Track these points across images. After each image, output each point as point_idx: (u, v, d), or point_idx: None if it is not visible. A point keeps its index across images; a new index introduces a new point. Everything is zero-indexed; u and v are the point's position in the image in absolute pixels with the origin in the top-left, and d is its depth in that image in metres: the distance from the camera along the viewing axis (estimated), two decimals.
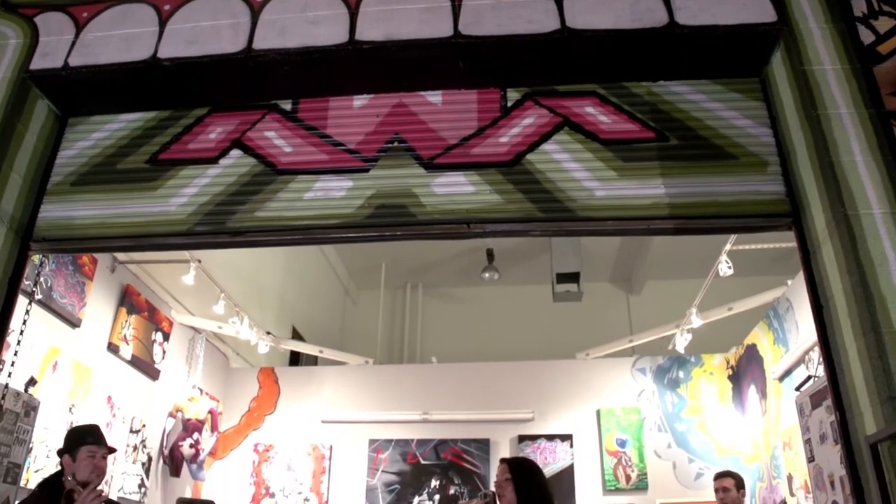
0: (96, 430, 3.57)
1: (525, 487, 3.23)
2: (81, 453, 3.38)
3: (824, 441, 3.72)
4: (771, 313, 7.21)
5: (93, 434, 3.50)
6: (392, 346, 12.18)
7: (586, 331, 10.71)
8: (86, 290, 6.00)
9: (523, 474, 3.28)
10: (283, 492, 8.23)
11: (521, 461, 3.42)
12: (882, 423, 2.71)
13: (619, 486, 7.99)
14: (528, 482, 3.26)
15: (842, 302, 3.00)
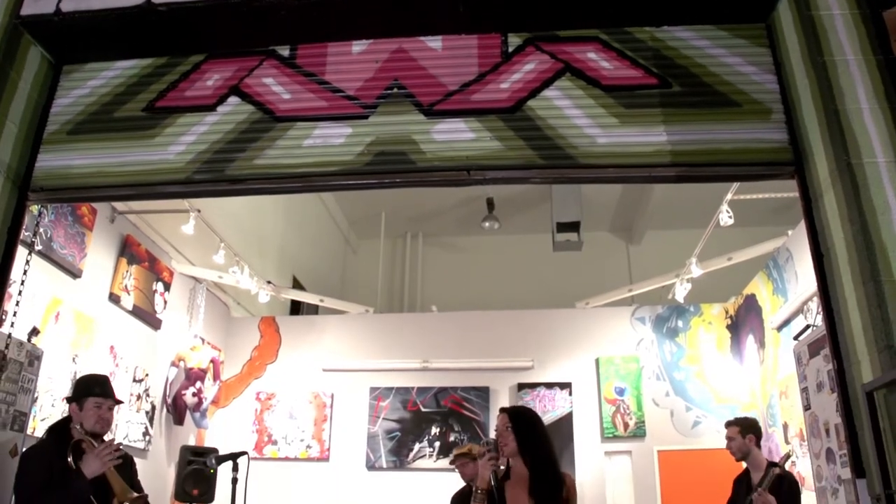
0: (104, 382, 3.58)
1: (526, 436, 3.25)
2: (88, 403, 3.41)
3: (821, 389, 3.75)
4: (771, 263, 7.22)
5: (101, 385, 3.52)
6: (392, 294, 12.23)
7: (586, 280, 10.75)
8: (86, 240, 5.99)
9: (523, 423, 3.30)
10: (285, 439, 8.35)
11: (520, 410, 3.44)
12: (879, 371, 2.73)
13: (617, 433, 8.10)
14: (528, 431, 3.28)
15: (842, 251, 2.99)
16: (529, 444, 3.22)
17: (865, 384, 2.76)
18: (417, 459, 8.18)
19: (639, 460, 8.03)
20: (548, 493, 3.13)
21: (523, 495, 3.13)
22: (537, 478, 3.15)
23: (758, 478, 4.56)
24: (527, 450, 3.20)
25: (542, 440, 3.30)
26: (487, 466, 3.12)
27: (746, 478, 4.71)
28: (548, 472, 3.19)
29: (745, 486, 4.68)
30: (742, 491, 4.69)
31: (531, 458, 3.19)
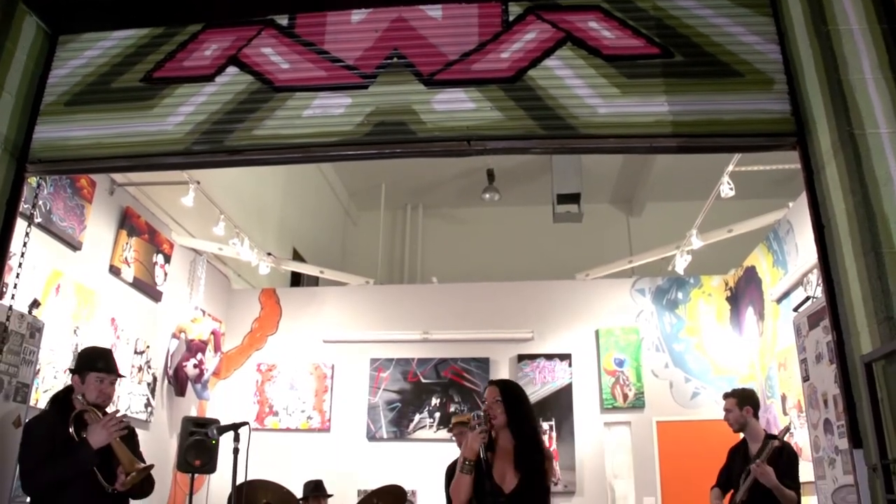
0: (107, 357, 3.58)
1: (514, 409, 3.31)
2: (90, 377, 3.42)
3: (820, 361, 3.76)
4: (771, 235, 7.21)
5: (104, 360, 3.52)
6: (392, 266, 12.24)
7: (586, 251, 10.75)
8: (85, 212, 5.98)
9: (513, 397, 3.36)
10: (286, 410, 8.40)
11: (510, 384, 3.49)
12: (878, 342, 2.73)
13: (617, 404, 8.15)
14: (517, 405, 3.34)
15: (843, 222, 2.98)
16: (517, 417, 3.28)
17: (864, 355, 2.77)
18: (418, 430, 8.24)
19: (638, 431, 8.09)
20: (532, 465, 3.18)
21: (509, 467, 3.20)
22: (523, 450, 3.20)
23: (755, 449, 4.59)
24: (514, 423, 3.27)
25: (529, 414, 3.37)
26: (478, 439, 3.20)
27: (744, 448, 4.74)
28: (533, 445, 3.24)
29: (741, 457, 4.71)
30: (738, 461, 4.72)
31: (518, 432, 3.26)
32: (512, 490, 3.14)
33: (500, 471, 3.19)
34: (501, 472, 3.19)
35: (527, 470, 3.16)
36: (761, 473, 4.27)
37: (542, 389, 8.19)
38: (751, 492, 4.36)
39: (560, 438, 8.01)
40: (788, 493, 4.29)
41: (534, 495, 3.16)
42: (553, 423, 8.07)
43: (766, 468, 4.27)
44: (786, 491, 4.27)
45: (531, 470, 3.17)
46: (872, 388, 2.71)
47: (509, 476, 3.17)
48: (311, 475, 5.86)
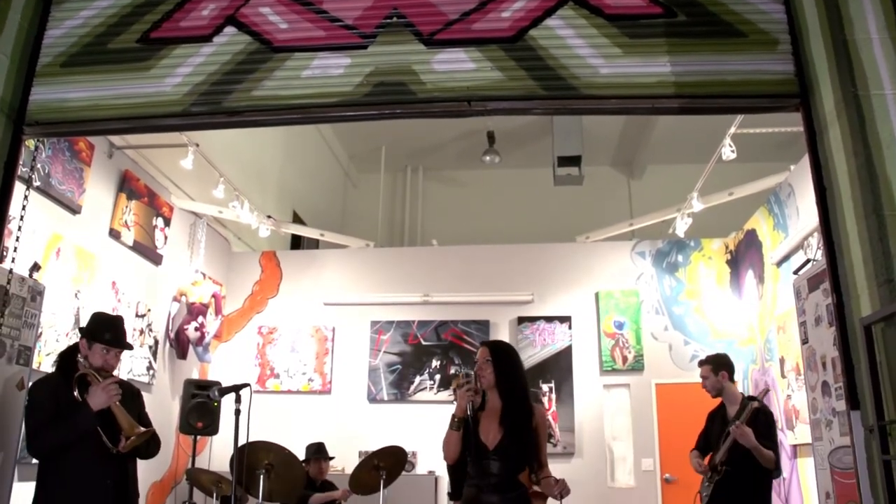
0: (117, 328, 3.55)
1: (503, 370, 3.36)
2: (96, 346, 3.43)
3: (819, 323, 3.77)
4: (772, 199, 7.19)
5: (113, 331, 3.50)
6: (393, 229, 12.24)
7: (586, 214, 10.74)
8: (84, 176, 5.96)
9: (502, 357, 3.42)
10: (287, 372, 8.46)
11: (501, 345, 3.55)
12: (878, 304, 2.74)
13: (616, 366, 8.20)
14: (506, 365, 3.39)
15: (846, 184, 2.96)
16: (506, 377, 3.33)
17: (864, 318, 2.77)
18: (418, 392, 8.30)
19: (637, 393, 8.15)
20: (518, 423, 3.25)
21: (494, 425, 3.25)
22: (509, 409, 3.26)
23: (733, 411, 4.64)
24: (503, 383, 3.32)
25: (518, 375, 3.43)
26: (465, 397, 3.28)
27: (721, 412, 4.79)
28: (519, 405, 3.30)
29: (719, 420, 4.77)
30: (716, 424, 4.78)
31: (505, 391, 3.31)
32: (494, 446, 3.21)
33: (486, 428, 3.27)
34: (487, 429, 3.27)
35: (510, 426, 3.23)
36: (741, 434, 4.32)
37: (541, 352, 8.23)
38: (730, 453, 4.42)
39: (559, 400, 8.08)
40: (767, 453, 4.35)
41: (517, 451, 3.23)
42: (552, 385, 8.13)
43: (745, 429, 4.33)
44: (764, 451, 4.34)
45: (514, 427, 3.23)
46: (871, 350, 2.72)
47: (493, 433, 3.24)
48: (313, 437, 5.92)
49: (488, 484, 3.17)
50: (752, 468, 4.37)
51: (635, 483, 7.94)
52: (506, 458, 3.21)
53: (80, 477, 3.18)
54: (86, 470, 3.20)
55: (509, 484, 3.21)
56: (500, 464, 3.20)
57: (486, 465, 3.20)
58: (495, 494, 3.16)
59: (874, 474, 2.74)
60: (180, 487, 7.34)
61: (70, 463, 3.20)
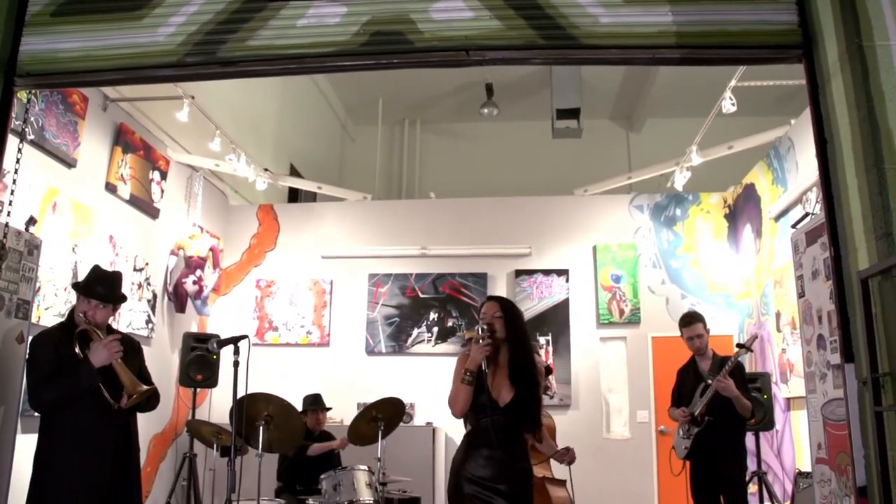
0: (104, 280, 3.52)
1: (513, 326, 3.36)
2: (79, 297, 3.42)
3: (816, 277, 3.78)
4: (771, 153, 7.15)
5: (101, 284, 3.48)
6: (390, 181, 12.19)
7: (585, 167, 10.70)
8: (79, 129, 5.90)
9: (512, 314, 3.42)
10: (285, 325, 8.50)
11: (509, 301, 3.55)
12: (875, 258, 2.73)
13: (613, 319, 8.25)
14: (515, 321, 3.40)
15: (847, 137, 2.94)
16: (515, 333, 3.33)
17: (861, 271, 2.77)
18: (416, 344, 8.36)
19: (633, 346, 8.22)
20: (527, 380, 3.26)
21: (504, 381, 3.29)
22: (519, 365, 3.27)
23: (706, 365, 4.70)
24: (513, 339, 3.32)
25: (525, 331, 3.43)
26: (482, 351, 3.27)
27: (693, 366, 4.84)
28: (527, 360, 3.30)
29: (692, 375, 4.82)
30: (689, 379, 4.83)
31: (514, 347, 3.31)
32: (507, 403, 3.22)
33: (496, 385, 3.27)
34: (498, 385, 3.27)
35: (521, 384, 3.25)
36: (724, 387, 4.40)
37: (539, 305, 8.27)
38: (710, 405, 4.49)
39: (556, 353, 8.14)
40: (745, 402, 4.45)
41: (527, 408, 3.25)
42: (549, 337, 8.18)
43: (728, 381, 4.40)
44: (744, 400, 4.43)
45: (526, 384, 3.25)
46: (867, 303, 2.73)
47: (505, 390, 3.25)
48: (311, 389, 5.97)
49: (496, 438, 3.19)
50: (730, 418, 4.46)
51: (630, 435, 8.06)
52: (514, 413, 3.23)
53: (81, 431, 3.21)
54: (87, 425, 3.23)
55: (515, 439, 3.24)
56: (508, 420, 3.22)
57: (495, 421, 3.22)
58: (501, 448, 3.18)
59: (865, 425, 2.77)
60: (181, 439, 7.43)
61: (71, 418, 3.23)
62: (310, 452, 5.27)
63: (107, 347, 3.30)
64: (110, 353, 3.30)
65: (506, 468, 3.16)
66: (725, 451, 4.47)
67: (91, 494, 3.13)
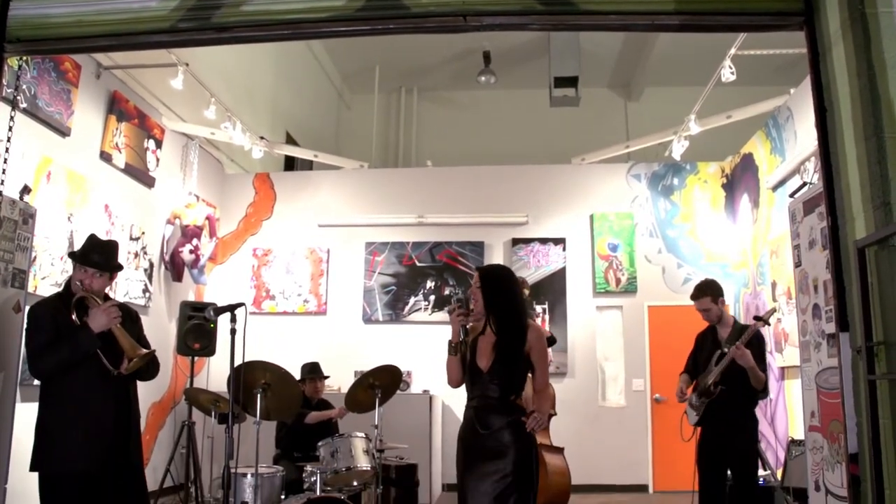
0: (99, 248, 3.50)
1: (493, 295, 3.37)
2: (76, 266, 3.41)
3: (812, 247, 3.78)
4: (770, 122, 7.12)
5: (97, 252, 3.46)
6: (387, 150, 12.14)
7: (582, 136, 10.66)
8: (72, 97, 5.85)
9: (492, 283, 3.41)
10: (282, 294, 8.52)
11: (490, 270, 3.54)
12: (872, 228, 2.73)
13: (609, 288, 8.27)
14: (496, 290, 3.39)
15: (847, 106, 2.91)
16: (495, 302, 3.34)
17: (858, 240, 2.77)
18: (413, 313, 8.39)
19: (629, 315, 8.25)
20: (509, 348, 3.29)
21: (488, 348, 3.28)
22: (500, 334, 3.28)
23: (725, 333, 4.67)
24: (492, 308, 3.33)
25: (509, 299, 3.41)
26: (457, 322, 3.34)
27: (712, 334, 4.82)
28: (510, 329, 3.32)
29: (710, 342, 4.80)
30: (706, 346, 4.81)
31: (496, 316, 3.32)
32: (487, 369, 3.25)
33: (481, 352, 3.30)
34: (482, 353, 3.30)
35: (500, 351, 3.26)
36: (741, 355, 4.36)
37: (535, 273, 8.29)
38: (724, 374, 4.48)
39: (553, 322, 8.17)
40: (760, 374, 4.42)
41: (509, 372, 3.27)
42: (546, 306, 8.21)
43: (745, 350, 4.36)
44: (759, 372, 4.40)
45: (505, 351, 3.26)
46: (863, 273, 2.73)
47: (486, 356, 3.28)
48: (309, 357, 5.99)
49: (485, 406, 3.24)
50: (743, 388, 4.44)
51: (626, 403, 8.12)
52: (498, 380, 3.25)
53: (81, 399, 3.21)
54: (87, 392, 3.23)
55: (505, 407, 3.26)
56: (494, 386, 3.25)
57: (483, 389, 3.26)
58: (492, 416, 3.21)
59: (859, 393, 2.79)
60: (179, 407, 7.48)
61: (71, 385, 3.23)
62: (308, 420, 5.30)
63: (106, 313, 3.30)
64: (109, 319, 3.30)
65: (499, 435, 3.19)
66: (736, 423, 4.45)
67: (93, 461, 3.14)
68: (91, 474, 3.16)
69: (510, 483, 3.13)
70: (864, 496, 2.72)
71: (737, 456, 4.45)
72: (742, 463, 4.47)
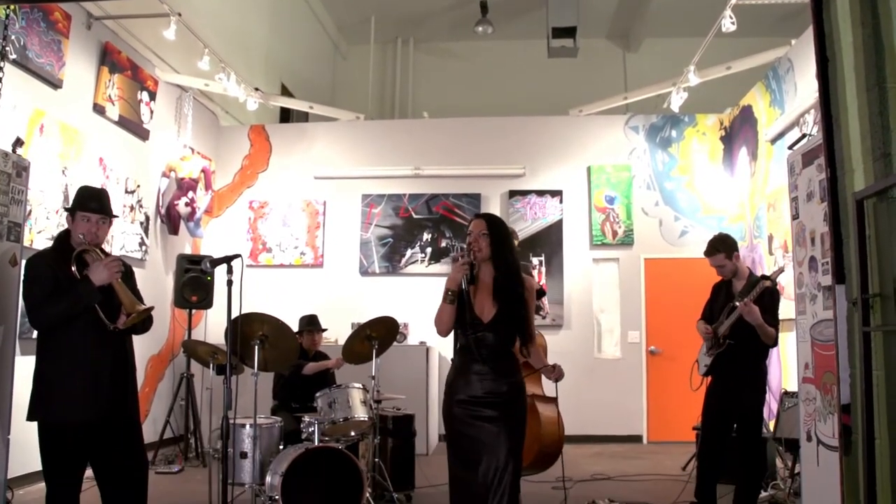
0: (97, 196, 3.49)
1: (499, 244, 3.34)
2: (77, 216, 3.38)
3: (811, 199, 3.77)
4: (770, 74, 7.04)
5: (95, 200, 3.44)
6: (383, 101, 12.02)
7: (580, 87, 10.55)
8: (63, 48, 5.75)
9: (498, 231, 3.38)
10: (279, 247, 8.51)
11: (496, 219, 3.50)
12: (871, 180, 2.72)
13: (606, 241, 8.28)
14: (501, 239, 3.36)
15: (849, 56, 2.87)
16: (501, 251, 3.31)
17: (857, 192, 2.76)
18: (409, 265, 8.40)
19: (626, 267, 8.28)
20: (512, 297, 3.27)
21: (488, 299, 3.27)
22: (502, 283, 3.27)
23: (740, 286, 4.67)
24: (498, 256, 3.30)
25: (512, 249, 3.40)
26: (461, 270, 3.25)
27: (727, 285, 4.82)
28: (513, 278, 3.30)
29: (724, 293, 4.80)
30: (721, 297, 4.82)
31: (499, 265, 3.30)
32: (490, 320, 3.24)
33: (480, 302, 3.28)
34: (481, 303, 3.28)
35: (504, 301, 3.25)
36: (748, 312, 4.37)
37: (532, 225, 8.28)
38: (733, 328, 4.50)
39: (549, 274, 8.20)
40: (769, 330, 4.43)
41: (510, 324, 3.27)
42: (542, 258, 8.23)
43: (752, 307, 4.37)
44: (767, 328, 4.41)
45: (509, 301, 3.26)
46: (861, 225, 2.72)
47: (488, 307, 3.26)
48: (306, 310, 6.00)
49: (481, 355, 3.22)
50: (752, 343, 4.46)
51: (621, 354, 8.19)
52: (499, 330, 3.24)
53: (78, 351, 3.22)
54: (84, 345, 3.24)
55: (502, 354, 3.27)
56: (494, 336, 3.24)
57: (480, 338, 3.24)
58: (488, 364, 3.21)
59: (853, 345, 2.81)
60: (178, 360, 7.53)
61: (68, 337, 3.23)
62: (305, 371, 5.34)
63: (107, 267, 3.29)
64: (111, 273, 3.29)
65: (494, 384, 3.20)
66: (744, 377, 4.47)
67: (90, 413, 3.17)
68: (89, 426, 3.19)
69: (504, 431, 3.15)
70: (855, 445, 2.77)
71: (743, 410, 4.49)
72: (747, 417, 4.51)
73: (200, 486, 5.09)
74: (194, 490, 5.32)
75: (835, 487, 3.01)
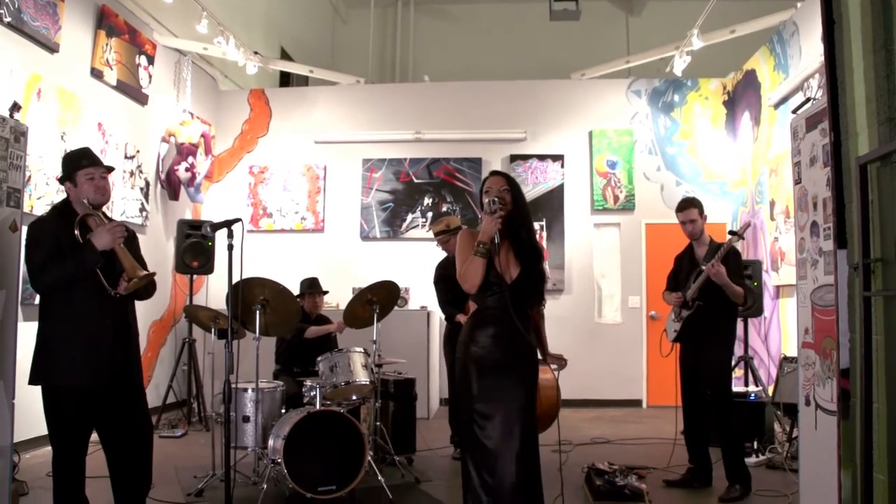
0: (89, 152, 3.50)
1: (518, 200, 3.33)
2: (80, 178, 3.35)
3: (814, 164, 3.74)
4: (774, 38, 6.96)
5: (87, 157, 3.44)
6: (384, 64, 11.92)
7: (583, 51, 10.45)
8: (59, 11, 5.68)
9: (517, 187, 3.38)
10: (280, 212, 8.50)
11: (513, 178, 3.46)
12: (876, 144, 2.69)
13: (607, 205, 8.26)
14: (520, 195, 3.36)
15: (856, 17, 2.82)
16: (519, 209, 3.30)
17: (860, 156, 2.73)
18: (410, 229, 8.39)
19: (627, 232, 8.27)
20: (532, 255, 3.27)
21: (511, 258, 3.24)
22: (524, 241, 3.26)
23: (703, 252, 4.71)
24: (517, 215, 3.28)
25: (528, 208, 3.40)
26: (495, 223, 3.16)
27: (689, 252, 4.86)
28: (531, 236, 3.30)
29: (687, 260, 4.84)
30: (685, 265, 4.85)
31: (519, 223, 3.28)
32: (514, 279, 3.21)
33: (503, 261, 3.23)
34: (505, 262, 3.23)
35: (527, 260, 3.23)
36: (716, 273, 4.41)
37: (533, 190, 8.26)
38: (701, 290, 4.53)
39: (550, 238, 8.19)
40: (737, 289, 4.48)
41: (532, 284, 3.25)
42: (544, 223, 8.22)
43: (720, 267, 4.42)
44: (735, 287, 4.46)
45: (532, 259, 3.24)
46: (864, 189, 2.70)
47: (512, 266, 3.23)
48: (307, 275, 6.01)
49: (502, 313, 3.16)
50: (721, 303, 4.51)
51: (622, 319, 8.22)
52: (521, 289, 3.21)
53: (81, 315, 3.22)
54: (86, 310, 3.24)
55: (522, 315, 3.23)
56: (515, 296, 3.20)
57: (502, 297, 3.18)
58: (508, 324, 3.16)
59: (854, 310, 2.81)
60: (180, 325, 7.56)
61: (70, 302, 3.24)
62: (307, 335, 5.36)
63: (111, 231, 3.28)
64: (114, 238, 3.28)
65: (512, 346, 3.18)
66: (712, 336, 4.55)
67: (93, 377, 3.18)
68: (92, 391, 3.21)
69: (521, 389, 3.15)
70: (853, 409, 2.78)
71: (710, 365, 4.55)
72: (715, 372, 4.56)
73: (204, 449, 5.13)
74: (198, 454, 5.38)
75: (832, 451, 3.03)
